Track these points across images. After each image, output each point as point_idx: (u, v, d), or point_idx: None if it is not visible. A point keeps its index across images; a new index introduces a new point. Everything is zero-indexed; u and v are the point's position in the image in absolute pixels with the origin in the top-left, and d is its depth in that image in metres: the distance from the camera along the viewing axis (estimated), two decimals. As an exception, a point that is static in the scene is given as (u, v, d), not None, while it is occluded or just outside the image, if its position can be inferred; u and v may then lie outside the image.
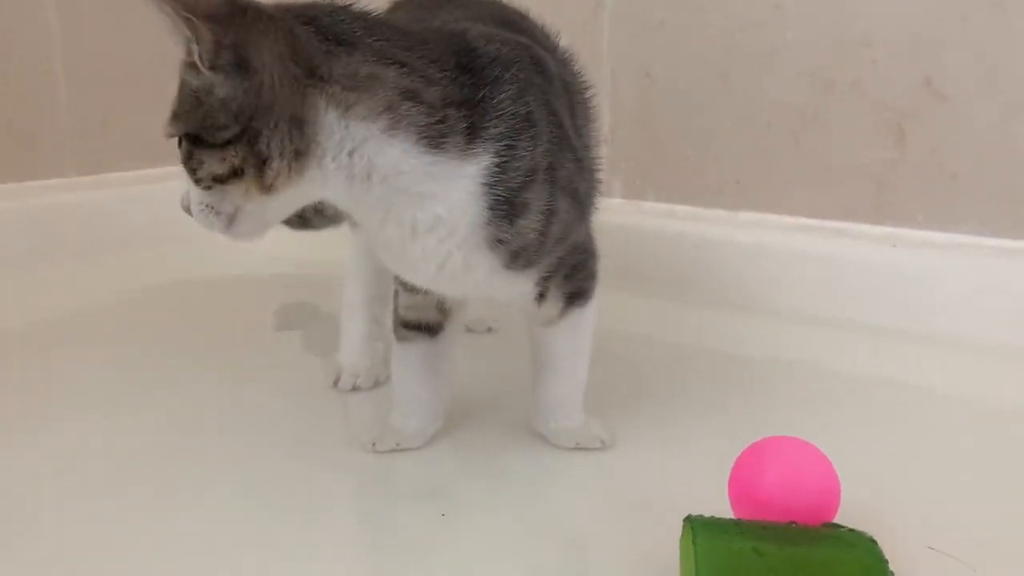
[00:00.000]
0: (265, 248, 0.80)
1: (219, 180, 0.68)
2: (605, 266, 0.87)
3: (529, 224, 0.73)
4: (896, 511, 0.74)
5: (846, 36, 1.28)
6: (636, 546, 0.71)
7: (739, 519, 0.67)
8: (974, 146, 1.21)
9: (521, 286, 0.80)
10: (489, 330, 1.24)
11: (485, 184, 0.71)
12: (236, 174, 0.67)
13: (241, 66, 0.66)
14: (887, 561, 0.60)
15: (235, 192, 0.68)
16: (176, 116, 0.69)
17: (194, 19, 0.65)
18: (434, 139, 0.69)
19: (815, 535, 0.63)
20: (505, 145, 0.71)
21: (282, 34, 0.66)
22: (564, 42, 0.91)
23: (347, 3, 0.72)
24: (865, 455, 0.83)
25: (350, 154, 0.69)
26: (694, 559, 0.60)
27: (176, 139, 0.69)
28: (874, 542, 0.61)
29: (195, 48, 0.66)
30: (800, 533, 0.63)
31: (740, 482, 0.69)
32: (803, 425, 0.73)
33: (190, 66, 0.67)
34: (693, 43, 1.42)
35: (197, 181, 0.69)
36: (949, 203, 1.24)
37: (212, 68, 0.66)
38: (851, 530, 0.63)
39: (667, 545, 0.66)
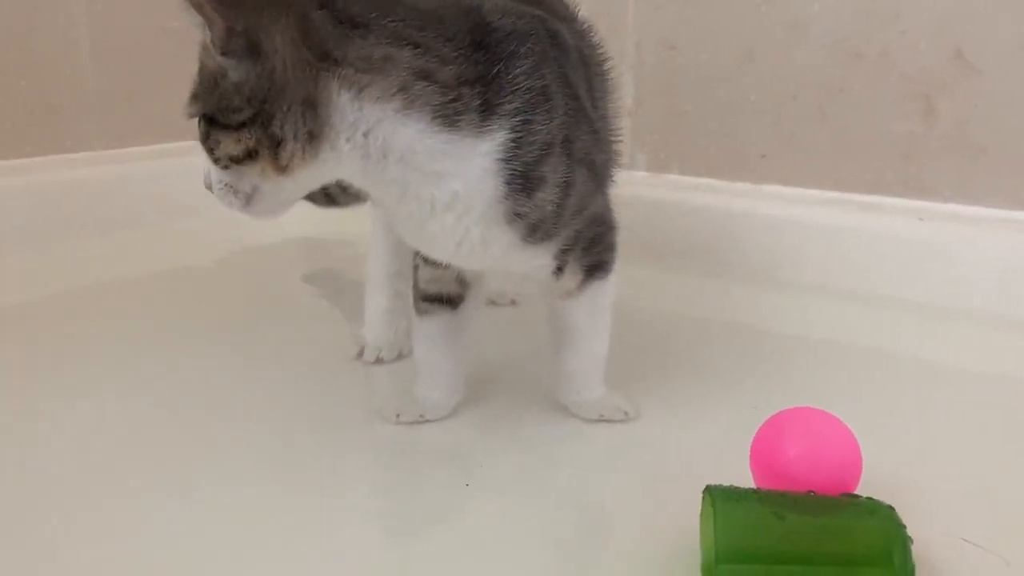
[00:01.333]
0: (288, 221, 0.81)
1: (235, 160, 0.69)
2: (628, 240, 0.87)
3: (546, 197, 0.74)
4: (919, 487, 0.73)
5: (874, 7, 1.27)
6: (658, 517, 0.72)
7: (758, 488, 0.67)
8: (1003, 119, 1.20)
9: (540, 259, 0.80)
10: (512, 303, 1.24)
11: (501, 160, 0.71)
12: (251, 155, 0.68)
13: (253, 51, 0.67)
14: (905, 526, 0.60)
15: (252, 172, 0.70)
16: (195, 96, 0.70)
17: (206, 6, 0.65)
18: (449, 117, 0.69)
19: (834, 503, 0.63)
20: (520, 120, 0.71)
21: (294, 19, 0.67)
22: (587, 14, 0.91)
23: None
24: (888, 429, 0.83)
25: (365, 135, 0.69)
26: (713, 523, 0.60)
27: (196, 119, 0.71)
28: (892, 509, 0.61)
29: (208, 33, 0.67)
30: (819, 502, 0.63)
31: (762, 453, 0.69)
32: (827, 398, 0.72)
33: (207, 48, 0.68)
34: (718, 15, 1.41)
35: (215, 161, 0.70)
36: (977, 176, 1.23)
37: (224, 53, 0.67)
38: (869, 499, 0.63)
39: (688, 517, 0.66)
